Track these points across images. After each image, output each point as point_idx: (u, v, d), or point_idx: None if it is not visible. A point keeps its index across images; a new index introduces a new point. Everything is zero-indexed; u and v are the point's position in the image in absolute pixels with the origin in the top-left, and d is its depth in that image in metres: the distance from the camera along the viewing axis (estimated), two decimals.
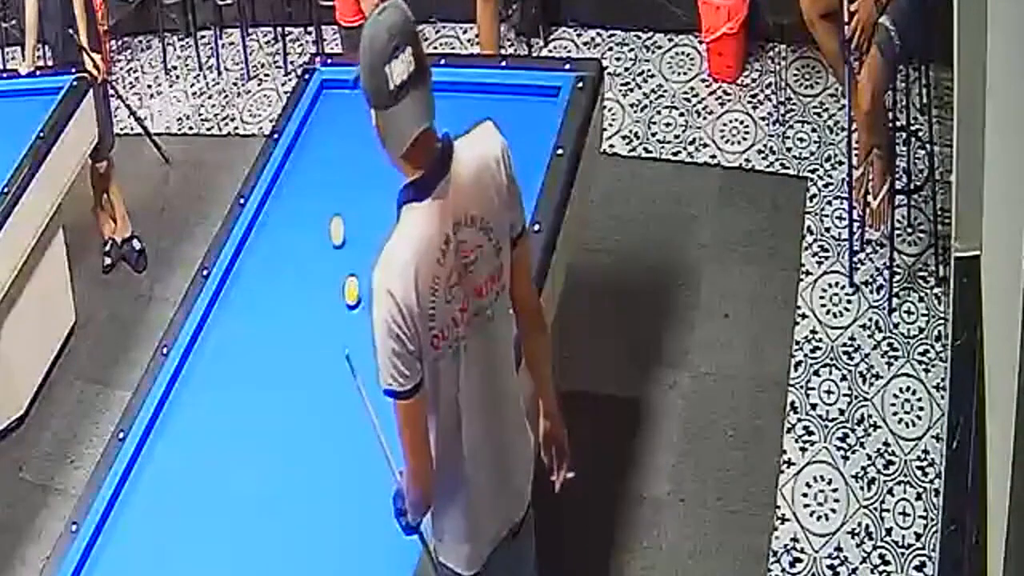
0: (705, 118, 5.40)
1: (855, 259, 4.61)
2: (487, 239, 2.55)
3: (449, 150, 2.50)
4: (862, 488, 4.00)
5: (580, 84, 3.86)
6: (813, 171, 5.06)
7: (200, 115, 6.13)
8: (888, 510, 3.92)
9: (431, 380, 2.53)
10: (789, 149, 5.17)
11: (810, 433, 4.18)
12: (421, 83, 2.36)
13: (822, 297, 4.59)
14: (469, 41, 6.05)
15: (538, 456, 2.95)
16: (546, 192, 3.56)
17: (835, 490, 4.01)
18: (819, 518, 3.95)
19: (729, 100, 5.46)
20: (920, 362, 4.31)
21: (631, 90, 5.61)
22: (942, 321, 4.35)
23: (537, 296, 2.92)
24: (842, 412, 4.21)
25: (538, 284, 3.13)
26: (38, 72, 5.08)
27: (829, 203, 4.91)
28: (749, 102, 5.43)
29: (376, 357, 2.47)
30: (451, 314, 2.51)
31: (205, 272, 3.71)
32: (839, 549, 3.86)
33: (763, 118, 5.34)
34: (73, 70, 4.94)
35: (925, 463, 4.02)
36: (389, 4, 2.34)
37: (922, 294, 4.51)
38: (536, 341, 2.86)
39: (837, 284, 4.61)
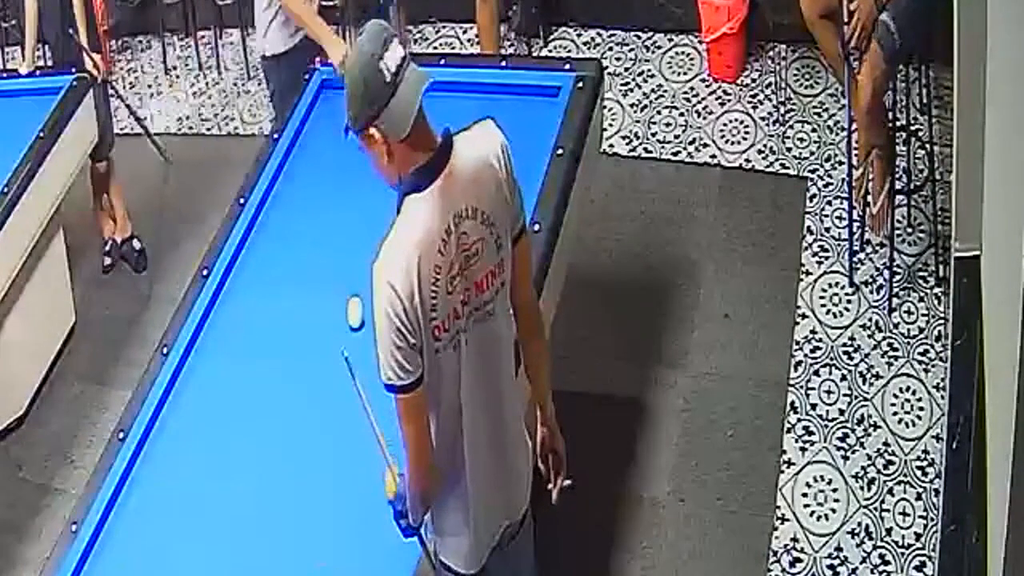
0: (705, 118, 5.39)
1: (855, 259, 4.61)
2: (488, 232, 2.57)
3: (449, 142, 2.53)
4: (862, 488, 3.99)
5: (580, 84, 3.86)
6: (813, 171, 5.06)
7: (200, 115, 6.13)
8: (888, 510, 3.92)
9: (432, 374, 2.53)
10: (789, 149, 5.17)
11: (810, 433, 4.18)
12: (409, 61, 2.44)
13: (822, 297, 4.58)
14: (469, 41, 6.05)
15: (535, 464, 2.94)
16: (546, 192, 3.56)
17: (835, 490, 4.01)
18: (819, 518, 3.95)
19: (729, 100, 5.46)
20: (920, 362, 4.30)
21: (631, 90, 5.61)
22: (942, 321, 4.35)
23: (536, 299, 2.91)
24: (842, 412, 4.21)
25: (538, 284, 3.13)
26: (38, 72, 5.08)
27: (829, 203, 4.91)
28: (749, 102, 5.42)
29: (376, 351, 2.47)
30: (452, 305, 2.51)
31: (205, 272, 3.71)
32: (839, 549, 3.86)
33: (763, 118, 5.33)
34: (73, 70, 4.94)
35: (925, 463, 4.01)
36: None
37: (922, 294, 4.50)
38: (534, 346, 2.86)
39: (837, 284, 4.61)
